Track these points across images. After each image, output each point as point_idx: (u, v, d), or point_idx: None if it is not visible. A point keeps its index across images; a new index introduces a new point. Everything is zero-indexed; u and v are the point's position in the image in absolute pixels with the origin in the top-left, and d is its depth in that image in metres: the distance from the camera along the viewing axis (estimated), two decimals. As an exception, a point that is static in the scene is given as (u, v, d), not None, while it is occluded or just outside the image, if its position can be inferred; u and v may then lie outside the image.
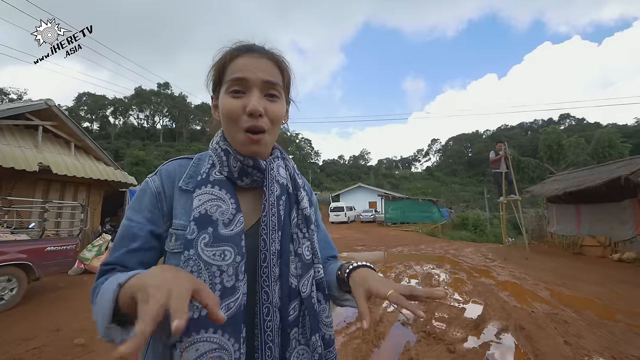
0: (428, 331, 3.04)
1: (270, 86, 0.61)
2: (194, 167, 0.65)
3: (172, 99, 72.75)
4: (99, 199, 8.21)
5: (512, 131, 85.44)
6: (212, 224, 0.56)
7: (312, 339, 0.59)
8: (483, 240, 17.37)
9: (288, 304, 0.60)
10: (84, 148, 7.83)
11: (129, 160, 34.34)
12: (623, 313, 3.62)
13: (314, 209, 0.75)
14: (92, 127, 65.72)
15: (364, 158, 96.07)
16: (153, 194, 0.62)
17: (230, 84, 0.60)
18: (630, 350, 2.62)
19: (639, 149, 22.56)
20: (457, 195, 48.20)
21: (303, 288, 0.61)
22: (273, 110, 0.61)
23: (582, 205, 9.12)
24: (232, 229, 0.57)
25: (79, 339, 2.93)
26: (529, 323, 3.25)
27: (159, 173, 0.64)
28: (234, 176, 0.63)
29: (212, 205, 0.58)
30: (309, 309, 0.61)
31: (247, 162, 0.62)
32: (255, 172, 0.64)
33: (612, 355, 2.54)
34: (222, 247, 0.55)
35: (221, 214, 0.58)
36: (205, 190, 0.60)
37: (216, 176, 0.62)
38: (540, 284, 5.07)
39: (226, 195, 0.60)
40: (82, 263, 5.76)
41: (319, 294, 0.64)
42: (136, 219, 0.60)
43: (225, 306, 0.52)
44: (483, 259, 8.34)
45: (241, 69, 0.60)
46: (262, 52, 0.63)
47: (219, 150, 0.64)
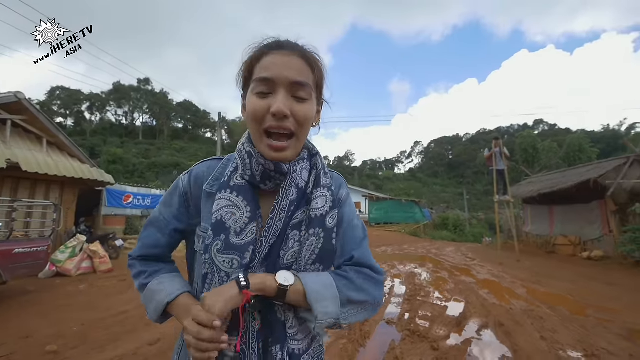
0: (412, 329, 3.09)
1: (299, 87, 0.57)
2: (221, 169, 0.66)
3: (153, 96, 70.35)
4: (73, 198, 7.80)
5: (491, 135, 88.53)
6: (225, 232, 0.58)
7: (271, 350, 0.58)
8: (463, 240, 17.92)
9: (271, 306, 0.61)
10: (57, 144, 7.42)
11: (105, 158, 33.02)
12: (593, 308, 3.83)
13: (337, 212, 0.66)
14: (66, 123, 62.44)
15: (348, 159, 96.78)
16: (181, 194, 0.67)
17: (256, 83, 0.57)
18: (600, 343, 2.78)
19: (605, 154, 24.09)
20: (438, 196, 49.52)
21: None
22: (301, 111, 0.57)
23: (555, 207, 9.60)
24: (242, 238, 0.58)
25: (50, 345, 2.77)
26: (508, 319, 3.37)
27: (190, 173, 0.68)
28: (257, 180, 0.61)
29: (227, 212, 0.59)
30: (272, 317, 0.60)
31: (268, 166, 0.60)
32: (278, 175, 0.61)
33: (583, 348, 2.68)
34: (231, 256, 0.58)
35: (234, 222, 0.59)
36: (224, 195, 0.61)
37: (237, 181, 0.62)
38: (517, 282, 5.28)
39: (242, 202, 0.60)
40: (54, 265, 5.46)
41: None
42: (165, 213, 0.69)
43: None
44: (463, 258, 8.60)
45: (269, 68, 0.57)
46: (292, 48, 0.60)
47: (243, 153, 0.63)
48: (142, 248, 0.70)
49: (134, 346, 2.72)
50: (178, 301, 0.62)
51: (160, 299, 0.63)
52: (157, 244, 0.69)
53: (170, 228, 0.68)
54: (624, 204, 7.28)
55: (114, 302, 4.08)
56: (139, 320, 3.34)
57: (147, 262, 0.70)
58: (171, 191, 0.69)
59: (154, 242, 0.69)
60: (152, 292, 0.65)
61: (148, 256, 0.70)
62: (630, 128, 51.21)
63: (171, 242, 0.70)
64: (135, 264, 0.70)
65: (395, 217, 22.46)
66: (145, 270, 0.68)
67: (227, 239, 0.57)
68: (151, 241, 0.69)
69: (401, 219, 22.18)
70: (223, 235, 0.58)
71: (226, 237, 0.57)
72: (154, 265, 0.70)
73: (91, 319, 3.38)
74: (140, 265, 0.69)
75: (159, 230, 0.69)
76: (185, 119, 77.92)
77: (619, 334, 2.98)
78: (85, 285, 4.98)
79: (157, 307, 0.63)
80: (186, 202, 0.67)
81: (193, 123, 78.62)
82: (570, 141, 21.59)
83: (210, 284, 0.59)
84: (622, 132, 53.80)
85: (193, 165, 0.71)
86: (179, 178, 0.70)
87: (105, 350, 2.66)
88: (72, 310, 3.72)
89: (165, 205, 0.69)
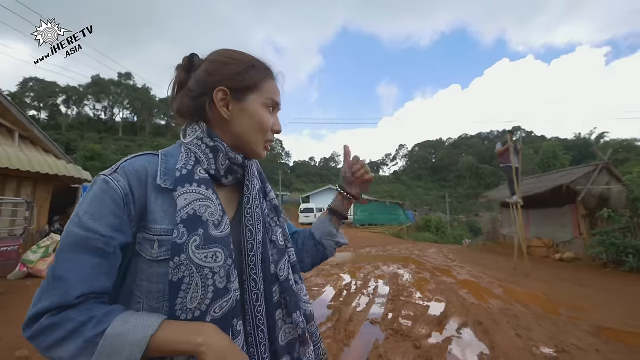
0: (395, 329, 3.16)
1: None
2: (164, 164, 0.59)
3: (135, 90, 68.08)
4: (46, 195, 7.42)
5: (472, 140, 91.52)
6: (203, 225, 0.54)
7: (294, 315, 0.65)
8: (444, 241, 18.37)
9: (271, 288, 0.64)
10: (30, 138, 7.05)
11: (82, 153, 31.67)
12: (564, 307, 4.04)
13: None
14: (40, 116, 59.33)
15: (334, 160, 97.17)
16: (119, 197, 0.53)
17: (269, 101, 0.67)
18: (570, 339, 2.94)
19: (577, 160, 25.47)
20: (421, 198, 50.58)
21: (280, 272, 0.66)
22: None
23: (530, 210, 10.04)
24: (221, 230, 0.57)
25: (21, 350, 2.63)
26: (486, 318, 3.51)
27: (122, 171, 0.55)
28: (220, 174, 0.63)
29: (201, 206, 0.56)
30: (288, 291, 0.66)
31: (236, 159, 0.64)
32: (239, 169, 0.67)
33: (555, 344, 2.83)
34: (213, 249, 0.54)
35: (210, 214, 0.56)
36: (191, 189, 0.57)
37: (201, 174, 0.59)
38: (495, 282, 5.49)
39: (213, 195, 0.59)
40: (25, 266, 5.18)
41: (295, 276, 0.70)
42: (99, 229, 0.50)
43: (219, 306, 0.54)
44: (445, 259, 8.84)
45: (277, 93, 0.70)
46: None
47: (204, 147, 0.62)
48: (74, 284, 0.47)
49: (112, 349, 2.63)
50: (164, 326, 0.48)
51: (137, 339, 0.45)
52: (98, 271, 0.50)
53: (114, 244, 0.51)
54: (593, 209, 7.73)
55: (91, 304, 3.92)
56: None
57: (84, 307, 0.47)
58: (97, 198, 0.52)
59: (91, 270, 0.49)
60: (117, 338, 0.44)
61: (87, 294, 0.48)
62: (599, 137, 54.37)
63: (115, 267, 0.53)
64: (65, 318, 0.46)
65: (379, 218, 22.80)
66: (92, 317, 0.46)
67: (206, 232, 0.54)
68: (86, 270, 0.48)
69: (385, 221, 22.54)
70: (201, 229, 0.54)
71: (205, 231, 0.54)
72: (100, 307, 0.48)
73: (66, 322, 3.23)
74: (77, 314, 0.46)
75: (94, 252, 0.49)
76: (168, 116, 75.72)
77: (587, 331, 3.17)
78: (58, 286, 4.75)
79: (133, 352, 0.44)
80: (127, 206, 0.53)
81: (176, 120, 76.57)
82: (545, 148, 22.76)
83: (187, 290, 0.50)
84: (592, 140, 56.95)
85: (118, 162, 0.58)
86: (102, 180, 0.54)
87: (81, 353, 2.56)
88: (44, 312, 3.55)
89: (93, 218, 0.51)
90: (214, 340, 0.48)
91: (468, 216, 32.98)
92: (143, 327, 0.46)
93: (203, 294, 0.51)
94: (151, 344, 0.45)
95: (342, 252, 9.77)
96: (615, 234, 6.81)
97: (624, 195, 7.13)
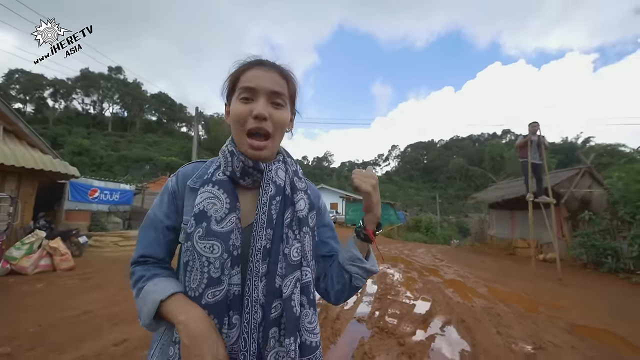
0: (381, 326, 3.22)
1: (276, 95, 0.68)
2: (204, 169, 0.74)
3: (125, 85, 66.74)
4: (31, 190, 7.26)
5: (463, 142, 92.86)
6: (207, 219, 0.63)
7: (286, 341, 0.60)
8: (434, 241, 18.62)
9: (271, 302, 0.62)
10: (15, 132, 6.88)
11: (70, 148, 30.97)
12: (544, 305, 4.18)
13: (315, 213, 0.75)
14: (26, 109, 57.79)
15: (327, 160, 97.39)
16: (170, 192, 0.73)
17: (241, 91, 0.68)
18: (547, 337, 3.05)
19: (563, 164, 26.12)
20: (412, 199, 51.14)
21: (284, 288, 0.62)
22: (277, 115, 0.68)
23: (517, 211, 10.28)
24: (222, 226, 0.63)
25: (3, 347, 2.60)
26: (469, 316, 3.61)
27: (177, 174, 0.75)
28: (237, 175, 0.69)
29: (209, 203, 0.65)
30: (287, 311, 0.61)
31: (247, 162, 0.68)
32: (256, 172, 0.70)
33: (533, 341, 2.94)
34: (211, 242, 0.62)
35: (215, 211, 0.64)
36: (207, 189, 0.67)
37: (219, 177, 0.69)
38: (480, 282, 5.63)
39: (223, 194, 0.66)
40: (8, 263, 5.07)
41: (303, 298, 0.64)
42: (157, 214, 0.72)
43: (211, 293, 0.61)
44: (433, 259, 8.98)
45: (251, 80, 0.67)
46: (271, 65, 0.71)
47: (226, 152, 0.71)
48: (140, 248, 0.71)
49: (97, 347, 2.62)
50: (172, 298, 0.61)
51: (154, 299, 0.60)
52: (155, 242, 0.70)
53: (163, 225, 0.71)
54: (575, 211, 7.97)
55: (76, 302, 3.87)
56: (105, 321, 3.20)
57: (146, 266, 0.69)
58: (162, 192, 0.74)
59: (151, 241, 0.70)
60: (147, 294, 0.62)
61: (147, 257, 0.70)
62: (585, 141, 55.78)
63: (167, 242, 0.72)
64: (135, 271, 0.69)
65: (370, 218, 22.88)
66: (144, 275, 0.67)
67: (208, 226, 0.62)
68: (148, 240, 0.71)
69: (376, 221, 22.64)
70: (204, 223, 0.63)
71: (207, 225, 0.62)
72: (153, 269, 0.68)
73: (50, 320, 3.19)
74: (139, 271, 0.68)
75: (154, 229, 0.71)
76: (159, 112, 74.66)
77: (564, 328, 3.29)
78: (43, 284, 4.67)
79: (150, 309, 0.60)
80: (175, 200, 0.72)
81: (168, 116, 75.56)
82: (533, 151, 23.26)
83: (191, 271, 0.62)
84: (579, 144, 58.39)
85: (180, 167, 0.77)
86: (167, 180, 0.76)
87: (65, 351, 2.54)
88: (28, 310, 3.49)
89: (157, 206, 0.73)
90: (191, 321, 0.56)
91: (458, 217, 33.51)
92: (159, 293, 0.61)
93: (200, 278, 0.61)
94: (160, 308, 0.60)
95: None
96: (596, 236, 7.05)
97: (604, 199, 7.37)
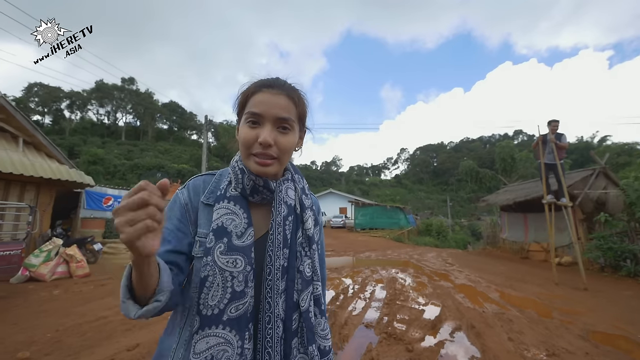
0: (389, 332, 3.20)
1: (282, 121, 0.69)
2: (215, 183, 0.75)
3: (138, 95, 68.71)
4: (49, 200, 7.55)
5: (473, 144, 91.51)
6: (227, 235, 0.66)
7: (310, 349, 0.67)
8: (445, 245, 18.32)
9: (291, 316, 0.67)
10: (34, 144, 7.19)
11: (85, 158, 31.89)
12: (558, 311, 4.07)
13: (318, 228, 0.81)
14: (44, 121, 59.99)
15: (336, 164, 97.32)
16: (182, 205, 0.72)
17: (248, 115, 0.69)
18: (561, 343, 2.97)
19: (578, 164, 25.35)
20: (423, 202, 50.53)
21: (302, 302, 0.69)
22: (283, 141, 0.69)
23: (529, 214, 10.04)
24: (243, 240, 0.67)
25: (22, 352, 2.70)
26: (479, 322, 3.54)
27: (187, 187, 0.75)
28: (247, 193, 0.72)
29: (228, 219, 0.68)
30: (306, 322, 0.68)
31: (258, 181, 0.71)
32: (266, 191, 0.72)
33: (546, 348, 2.86)
34: (234, 256, 0.65)
35: (235, 226, 0.67)
36: (223, 205, 0.69)
37: (232, 192, 0.71)
38: (492, 286, 5.51)
39: (240, 210, 0.70)
40: (28, 270, 5.27)
41: (316, 309, 0.72)
42: (167, 225, 0.69)
43: (235, 307, 0.62)
44: (443, 263, 8.85)
45: (258, 105, 0.68)
46: (280, 88, 0.71)
47: (237, 169, 0.73)
48: None
49: (111, 352, 2.70)
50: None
51: (127, 270, 0.56)
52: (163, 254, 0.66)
53: (174, 235, 0.69)
54: (590, 213, 7.74)
55: (91, 307, 3.99)
56: (119, 326, 3.30)
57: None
58: (170, 206, 0.72)
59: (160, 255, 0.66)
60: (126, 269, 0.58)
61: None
62: (602, 141, 54.20)
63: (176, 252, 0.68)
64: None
65: (380, 222, 22.75)
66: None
67: (230, 241, 0.65)
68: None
69: (386, 225, 22.49)
70: (225, 238, 0.65)
71: (229, 240, 0.65)
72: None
73: (66, 325, 3.30)
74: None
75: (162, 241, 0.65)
76: (170, 120, 76.45)
77: (578, 335, 3.20)
78: (60, 290, 4.83)
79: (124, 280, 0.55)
80: (187, 213, 0.72)
81: (178, 125, 77.32)
82: (546, 151, 22.73)
83: (210, 287, 0.62)
84: (595, 144, 56.70)
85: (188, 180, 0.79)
86: (175, 193, 0.76)
87: (80, 356, 2.62)
88: (45, 316, 3.62)
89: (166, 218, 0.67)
90: None
91: (470, 220, 32.89)
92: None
93: (222, 294, 0.62)
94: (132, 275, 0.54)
95: (342, 257, 9.81)
96: (613, 238, 6.82)
97: (621, 200, 7.15)
